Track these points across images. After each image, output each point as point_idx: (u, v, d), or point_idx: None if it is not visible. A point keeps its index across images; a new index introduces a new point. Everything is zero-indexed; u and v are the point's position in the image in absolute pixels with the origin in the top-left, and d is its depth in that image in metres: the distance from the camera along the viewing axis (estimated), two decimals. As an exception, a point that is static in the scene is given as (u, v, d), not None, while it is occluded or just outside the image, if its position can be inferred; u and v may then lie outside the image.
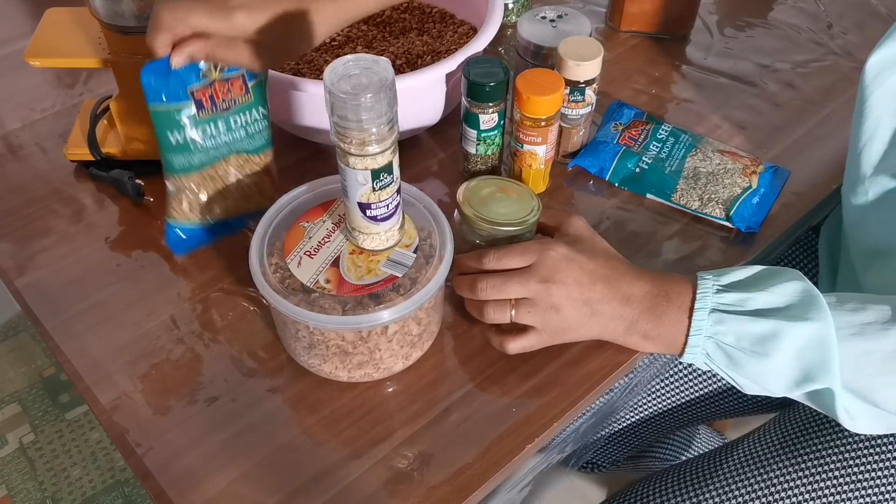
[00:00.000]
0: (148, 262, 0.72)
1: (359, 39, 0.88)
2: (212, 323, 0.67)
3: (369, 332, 0.59)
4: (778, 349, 0.57)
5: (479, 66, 0.72)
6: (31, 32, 0.73)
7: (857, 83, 0.66)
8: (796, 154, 0.83)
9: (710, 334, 0.59)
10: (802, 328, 0.57)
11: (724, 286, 0.60)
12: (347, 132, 0.54)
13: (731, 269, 0.61)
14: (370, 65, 0.54)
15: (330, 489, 0.58)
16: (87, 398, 0.63)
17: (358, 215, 0.59)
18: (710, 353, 0.60)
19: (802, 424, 0.77)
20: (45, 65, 0.72)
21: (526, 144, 0.74)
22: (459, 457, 0.59)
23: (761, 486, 0.73)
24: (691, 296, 0.60)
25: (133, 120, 0.75)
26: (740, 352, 0.58)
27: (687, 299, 0.60)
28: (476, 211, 0.65)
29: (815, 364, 0.57)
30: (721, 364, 0.60)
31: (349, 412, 0.62)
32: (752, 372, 0.59)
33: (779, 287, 0.59)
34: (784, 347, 0.57)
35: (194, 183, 0.67)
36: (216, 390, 0.63)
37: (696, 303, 0.59)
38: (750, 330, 0.58)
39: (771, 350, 0.57)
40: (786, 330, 0.57)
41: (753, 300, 0.58)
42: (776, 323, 0.57)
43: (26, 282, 0.70)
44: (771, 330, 0.57)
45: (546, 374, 0.64)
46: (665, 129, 0.82)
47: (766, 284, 0.59)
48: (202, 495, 0.57)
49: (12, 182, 0.79)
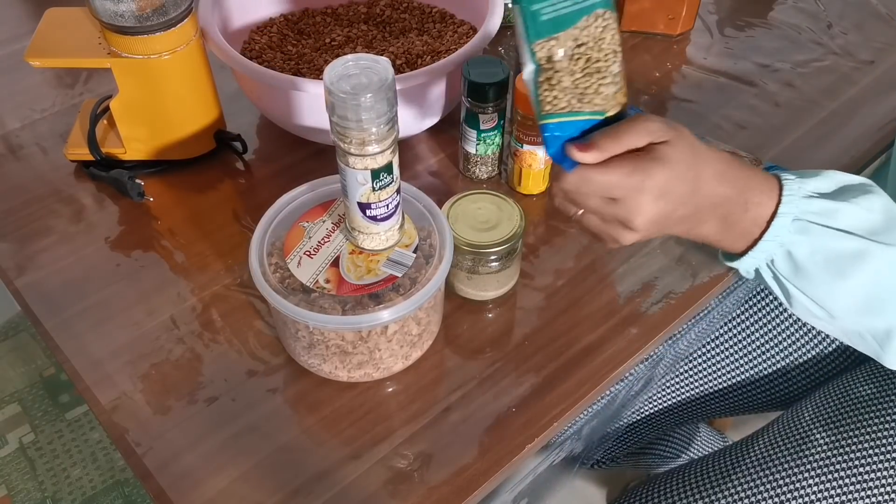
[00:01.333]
0: (148, 262, 0.72)
1: (359, 39, 0.88)
2: (212, 323, 0.67)
3: (369, 332, 0.59)
4: (861, 271, 0.54)
5: (479, 66, 0.72)
6: (31, 32, 0.73)
7: (857, 83, 0.65)
8: (796, 154, 0.83)
9: (786, 242, 0.55)
10: (887, 253, 0.53)
11: (810, 193, 0.55)
12: (347, 132, 0.54)
13: (809, 174, 0.56)
14: (370, 65, 0.54)
15: (330, 489, 0.58)
16: (87, 398, 0.63)
17: (358, 215, 0.59)
18: (775, 260, 0.56)
19: (805, 426, 0.77)
20: (45, 65, 0.72)
21: (526, 144, 0.74)
22: (459, 457, 0.59)
23: (767, 487, 0.73)
24: (774, 204, 0.55)
25: (133, 120, 0.75)
26: (814, 265, 0.54)
27: (767, 208, 0.55)
28: (458, 234, 0.65)
29: (891, 290, 0.54)
30: (784, 272, 0.56)
31: (349, 412, 0.62)
32: (819, 289, 0.55)
33: (865, 200, 0.54)
34: (867, 270, 0.54)
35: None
36: (216, 390, 0.63)
37: (781, 207, 0.54)
38: (832, 246, 0.54)
39: (850, 270, 0.54)
40: (873, 252, 0.53)
41: (841, 213, 0.54)
42: (864, 243, 0.53)
43: (26, 282, 0.70)
44: (857, 250, 0.53)
45: (546, 374, 0.64)
46: None
47: (851, 195, 0.55)
48: (202, 495, 0.57)
49: (12, 182, 0.79)
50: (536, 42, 0.52)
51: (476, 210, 0.67)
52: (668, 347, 0.79)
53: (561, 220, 0.76)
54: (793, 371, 0.88)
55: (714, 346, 0.88)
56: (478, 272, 0.66)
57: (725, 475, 0.77)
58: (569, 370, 0.64)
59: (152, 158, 0.78)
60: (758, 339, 0.87)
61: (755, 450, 0.78)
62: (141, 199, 0.77)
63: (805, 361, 0.87)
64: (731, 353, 0.88)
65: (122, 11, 0.68)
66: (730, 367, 0.89)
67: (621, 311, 0.69)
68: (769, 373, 0.88)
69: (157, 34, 0.69)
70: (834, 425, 0.75)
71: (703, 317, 0.81)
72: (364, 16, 0.91)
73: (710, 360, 0.89)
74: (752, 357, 0.88)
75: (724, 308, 0.83)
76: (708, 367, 0.89)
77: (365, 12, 0.92)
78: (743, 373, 0.89)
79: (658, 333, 0.67)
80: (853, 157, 0.82)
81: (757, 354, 0.88)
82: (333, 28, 0.89)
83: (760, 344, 0.87)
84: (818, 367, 0.87)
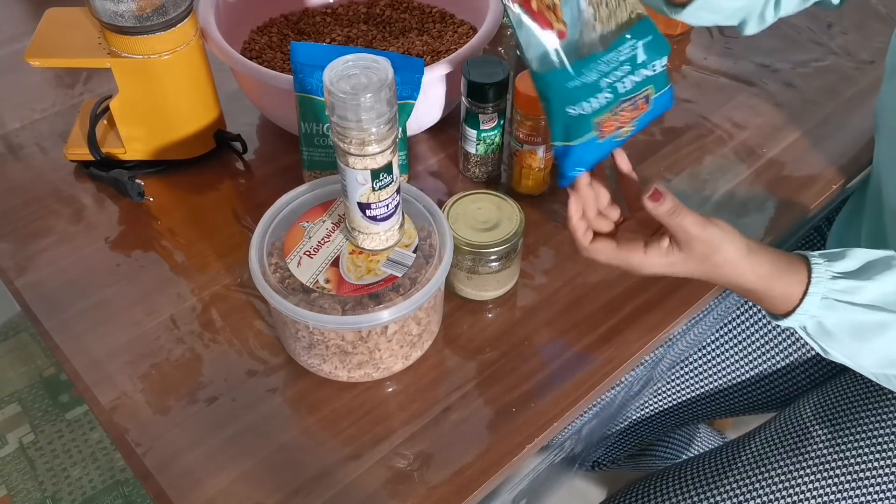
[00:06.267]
0: (148, 262, 0.72)
1: (359, 39, 0.88)
2: (212, 323, 0.67)
3: (369, 332, 0.59)
4: (880, 337, 0.60)
5: (479, 66, 0.72)
6: (31, 32, 0.73)
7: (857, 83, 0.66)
8: (796, 154, 0.83)
9: (816, 315, 0.61)
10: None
11: (836, 274, 0.61)
12: (347, 132, 0.54)
13: (838, 254, 0.62)
14: (370, 65, 0.54)
15: (330, 489, 0.58)
16: (87, 398, 0.63)
17: (358, 215, 0.59)
18: (808, 328, 0.62)
19: (803, 424, 0.77)
20: (45, 65, 0.72)
21: (526, 144, 0.74)
22: (459, 457, 0.59)
23: (763, 484, 0.74)
24: (803, 286, 0.61)
25: (133, 120, 0.75)
26: (841, 332, 0.61)
27: (798, 289, 0.61)
28: (459, 234, 0.65)
29: None
30: (816, 336, 0.63)
31: (349, 412, 0.62)
32: (846, 348, 0.62)
33: (887, 275, 0.60)
34: (887, 336, 0.60)
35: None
36: (216, 390, 0.63)
37: (810, 287, 0.60)
38: (857, 318, 0.60)
39: (872, 337, 0.61)
40: (893, 323, 0.60)
41: (864, 291, 0.60)
42: (885, 316, 0.60)
43: (26, 282, 0.70)
44: (879, 322, 0.60)
45: (545, 375, 0.64)
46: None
47: (874, 273, 0.61)
48: (202, 495, 0.57)
49: (12, 182, 0.79)
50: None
51: (476, 210, 0.67)
52: (668, 348, 0.79)
53: (561, 220, 0.76)
54: (792, 372, 0.88)
55: (713, 346, 0.88)
56: (478, 272, 0.66)
57: (721, 472, 0.77)
58: (569, 370, 0.64)
59: (152, 158, 0.78)
60: (757, 339, 0.87)
61: (751, 447, 0.78)
62: (141, 199, 0.77)
63: (804, 362, 0.87)
64: (730, 354, 0.88)
65: (122, 11, 0.68)
66: (729, 367, 0.89)
67: (621, 311, 0.69)
68: (768, 373, 0.88)
69: (157, 34, 0.69)
70: (831, 423, 0.75)
71: (702, 318, 0.81)
72: (364, 16, 0.91)
73: (709, 361, 0.89)
74: (752, 358, 0.88)
75: (723, 309, 0.83)
76: (707, 367, 0.89)
77: (365, 12, 0.92)
78: (742, 373, 0.89)
79: (658, 334, 0.67)
80: (853, 158, 0.82)
81: (756, 355, 0.88)
82: (333, 28, 0.89)
83: (760, 345, 0.87)
84: (817, 367, 0.87)
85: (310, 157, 0.73)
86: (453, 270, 0.67)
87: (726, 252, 0.60)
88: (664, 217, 0.59)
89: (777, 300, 0.62)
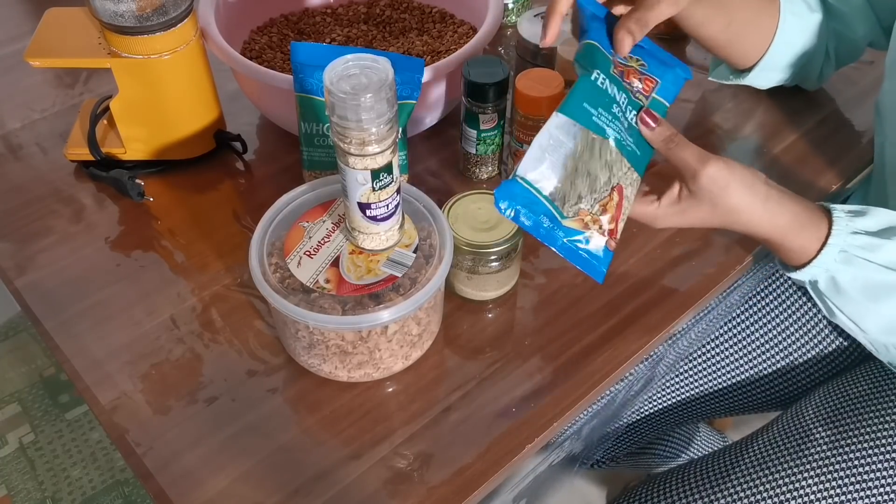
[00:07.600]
0: (148, 262, 0.72)
1: (359, 39, 0.88)
2: (212, 323, 0.67)
3: (369, 332, 0.59)
4: (891, 300, 0.61)
5: (479, 66, 0.72)
6: (31, 32, 0.73)
7: (856, 83, 0.66)
8: (796, 154, 0.83)
9: (831, 268, 0.61)
10: None
11: (857, 230, 0.61)
12: (347, 132, 0.54)
13: (860, 211, 0.62)
14: (370, 64, 0.54)
15: (330, 489, 0.58)
16: (87, 398, 0.63)
17: (358, 215, 0.59)
18: (820, 283, 0.62)
19: (805, 426, 0.77)
20: (45, 65, 0.72)
21: (526, 144, 0.74)
22: (459, 457, 0.59)
23: (766, 486, 0.73)
24: (823, 236, 0.61)
25: (133, 120, 0.75)
26: (853, 290, 0.61)
27: (816, 244, 0.61)
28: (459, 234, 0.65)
29: None
30: (827, 292, 0.63)
31: (349, 412, 0.62)
32: (853, 308, 0.63)
33: None
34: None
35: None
36: (216, 390, 0.63)
37: (830, 238, 0.60)
38: (871, 277, 0.60)
39: (883, 299, 0.61)
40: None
41: (882, 250, 0.60)
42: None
43: (26, 282, 0.70)
44: (892, 284, 0.60)
45: (545, 375, 0.64)
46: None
47: (894, 235, 0.60)
48: (202, 495, 0.57)
49: (12, 182, 0.79)
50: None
51: (476, 210, 0.67)
52: (669, 347, 0.79)
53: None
54: (793, 371, 0.88)
55: (714, 345, 0.88)
56: (478, 272, 0.66)
57: (725, 474, 0.77)
58: (569, 370, 0.64)
59: (152, 158, 0.78)
60: (758, 338, 0.87)
61: (754, 449, 0.78)
62: (141, 199, 0.77)
63: (805, 361, 0.87)
64: (731, 353, 0.88)
65: (122, 11, 0.68)
66: (730, 366, 0.89)
67: (621, 311, 0.69)
68: (769, 372, 0.88)
69: (157, 34, 0.69)
70: (833, 424, 0.75)
71: (703, 316, 0.81)
72: (364, 16, 0.91)
73: (710, 360, 0.89)
74: (753, 357, 0.88)
75: (725, 307, 0.83)
76: (708, 366, 0.89)
77: (365, 12, 0.92)
78: (743, 372, 0.89)
79: (658, 333, 0.67)
80: (852, 158, 0.82)
81: (757, 354, 0.88)
82: (333, 28, 0.89)
83: (761, 344, 0.87)
84: (818, 366, 0.87)
85: (310, 157, 0.73)
86: (453, 270, 0.67)
87: (737, 194, 0.58)
88: (662, 147, 0.57)
89: (794, 252, 0.61)
